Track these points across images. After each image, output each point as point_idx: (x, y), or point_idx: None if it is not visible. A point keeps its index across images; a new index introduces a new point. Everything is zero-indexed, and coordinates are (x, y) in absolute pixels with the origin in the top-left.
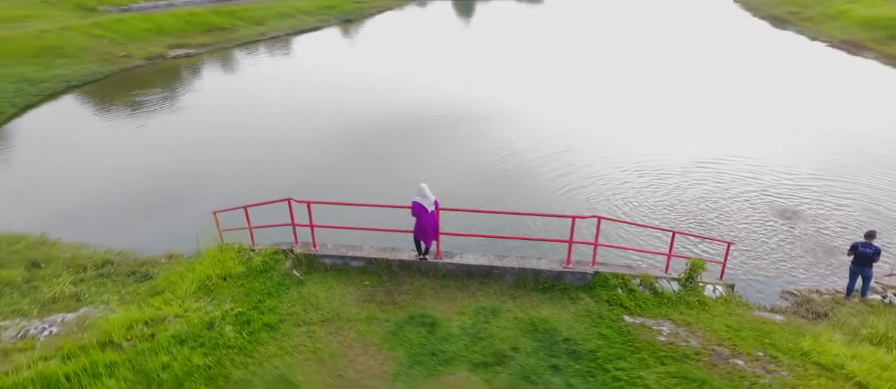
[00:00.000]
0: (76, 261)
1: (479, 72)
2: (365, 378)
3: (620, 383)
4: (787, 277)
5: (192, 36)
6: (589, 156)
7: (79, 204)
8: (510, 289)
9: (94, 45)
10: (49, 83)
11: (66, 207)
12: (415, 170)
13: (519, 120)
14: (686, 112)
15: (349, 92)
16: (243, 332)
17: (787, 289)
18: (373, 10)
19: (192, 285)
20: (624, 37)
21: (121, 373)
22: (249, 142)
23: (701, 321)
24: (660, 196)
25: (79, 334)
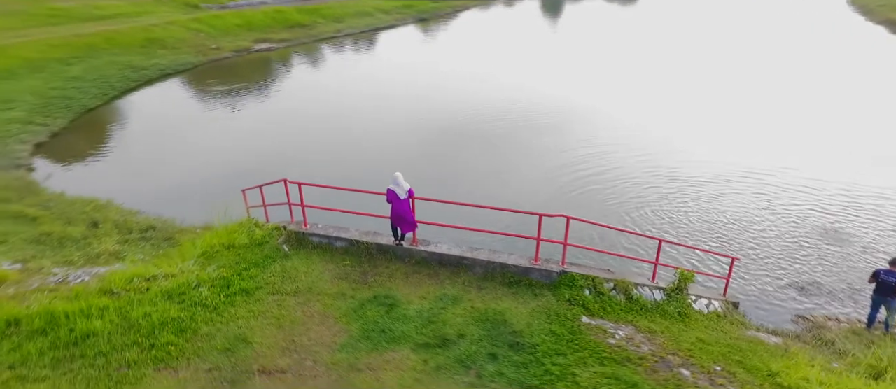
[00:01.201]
0: (126, 225)
1: (560, 73)
2: (314, 345)
3: (551, 377)
4: (813, 301)
5: (276, 31)
6: (634, 159)
7: (151, 176)
8: (478, 281)
9: (191, 38)
10: (148, 71)
11: (139, 178)
12: (483, 170)
13: (584, 118)
14: (763, 119)
15: (423, 88)
16: (221, 294)
17: (801, 314)
18: (450, 9)
19: (197, 251)
20: (723, 40)
21: (109, 316)
22: (322, 129)
23: (669, 331)
24: (689, 205)
25: (98, 283)
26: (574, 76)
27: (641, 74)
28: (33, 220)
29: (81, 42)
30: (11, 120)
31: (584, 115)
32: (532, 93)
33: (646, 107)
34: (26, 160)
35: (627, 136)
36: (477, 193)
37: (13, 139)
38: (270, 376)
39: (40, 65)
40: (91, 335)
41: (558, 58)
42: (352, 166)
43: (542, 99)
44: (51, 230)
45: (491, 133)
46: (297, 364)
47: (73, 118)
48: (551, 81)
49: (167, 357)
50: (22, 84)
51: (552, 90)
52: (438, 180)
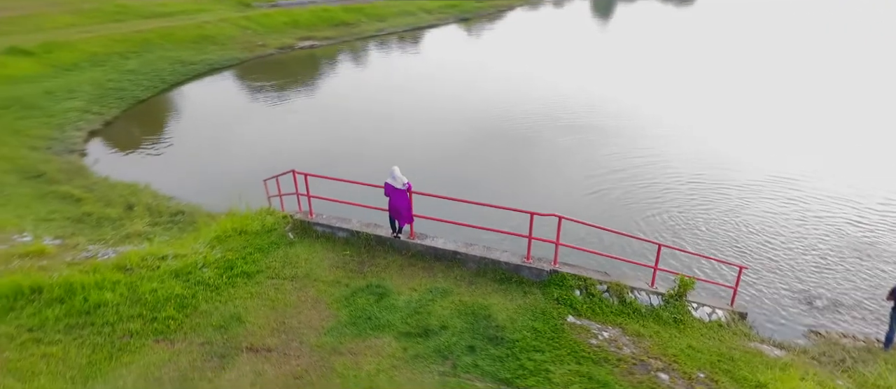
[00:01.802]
0: (158, 209)
1: (603, 74)
2: (303, 328)
3: (524, 372)
4: (833, 318)
5: (321, 29)
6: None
7: (188, 164)
8: (470, 276)
9: (240, 34)
10: (197, 65)
11: (178, 165)
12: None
13: (618, 118)
14: (804, 123)
15: (458, 85)
16: (224, 275)
17: (816, 329)
18: (493, 9)
19: (211, 235)
20: (776, 40)
21: (119, 290)
22: (358, 124)
23: (658, 336)
24: (710, 212)
25: (116, 260)
26: (617, 77)
27: (685, 75)
28: (78, 201)
29: (140, 37)
30: (71, 109)
31: (619, 116)
32: (570, 93)
33: (684, 108)
34: (80, 146)
35: (659, 137)
36: (502, 192)
37: (71, 126)
38: (257, 353)
39: (102, 58)
40: (102, 305)
41: (604, 59)
42: (383, 161)
43: (578, 99)
44: (91, 210)
45: (521, 132)
46: (284, 344)
47: (125, 108)
48: (593, 82)
49: (166, 330)
50: (84, 76)
51: (592, 90)
52: (463, 178)
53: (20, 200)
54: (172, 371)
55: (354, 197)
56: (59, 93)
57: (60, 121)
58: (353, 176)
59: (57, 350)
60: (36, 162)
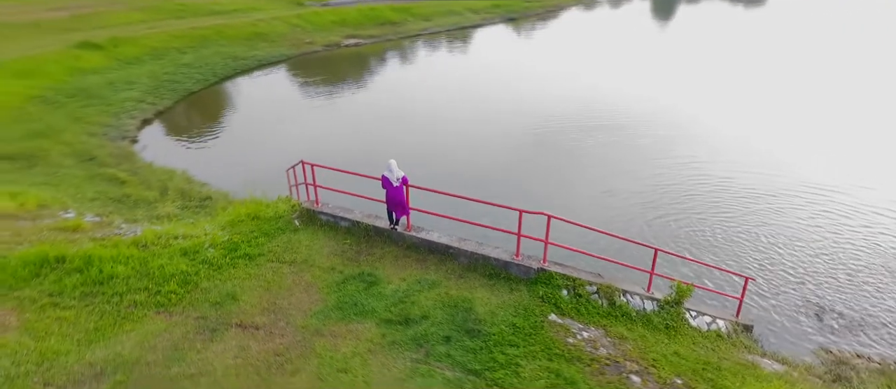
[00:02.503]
0: (189, 193)
1: (652, 75)
2: (292, 309)
3: (495, 365)
4: (851, 339)
5: (367, 28)
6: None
7: (226, 153)
8: (461, 270)
9: (290, 32)
10: (246, 61)
11: (216, 154)
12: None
13: (654, 121)
14: (853, 131)
15: (490, 86)
16: (227, 256)
17: (827, 347)
18: (541, 9)
19: (225, 219)
20: (843, 44)
21: (132, 264)
22: (392, 121)
23: (643, 339)
24: (733, 220)
25: (134, 237)
26: (663, 78)
27: (738, 77)
28: (122, 183)
29: (197, 34)
30: (128, 98)
31: (653, 116)
32: (608, 94)
33: (730, 111)
34: (132, 133)
35: (693, 139)
36: (514, 188)
37: (126, 115)
38: (245, 330)
39: (161, 53)
40: (114, 277)
41: (656, 60)
42: (415, 159)
43: (616, 99)
44: (131, 192)
45: (549, 131)
46: (272, 322)
47: (177, 99)
48: (636, 83)
49: (167, 303)
50: (144, 69)
51: (632, 91)
52: (476, 173)
53: (72, 180)
54: (166, 341)
55: (364, 190)
56: (120, 84)
57: (118, 109)
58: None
59: (70, 314)
60: (91, 146)
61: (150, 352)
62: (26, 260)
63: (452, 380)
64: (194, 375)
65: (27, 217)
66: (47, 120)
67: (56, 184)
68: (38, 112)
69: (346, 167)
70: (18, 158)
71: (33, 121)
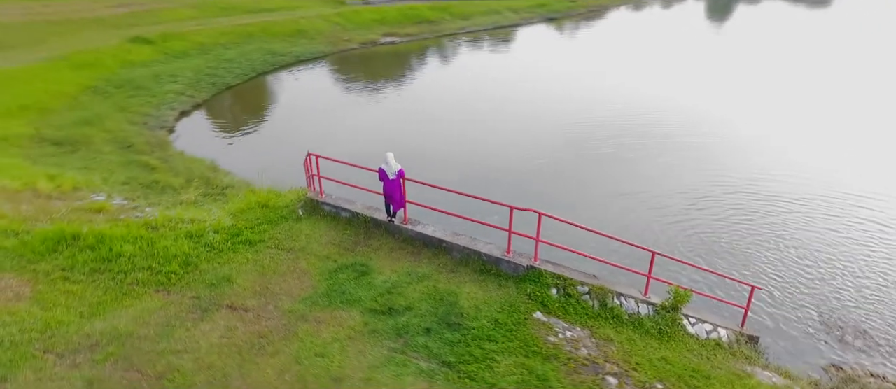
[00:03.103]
0: (212, 182)
1: (693, 80)
2: (282, 294)
3: (470, 358)
4: (869, 357)
5: (404, 26)
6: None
7: (255, 144)
8: (453, 264)
9: (329, 30)
10: (285, 57)
11: (245, 144)
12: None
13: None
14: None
15: (518, 88)
16: (229, 241)
17: (839, 364)
18: (584, 9)
19: (235, 206)
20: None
21: (140, 244)
22: (422, 119)
23: (630, 343)
24: (755, 229)
25: (145, 219)
26: (707, 82)
27: (788, 80)
28: (152, 169)
29: (242, 30)
30: (171, 91)
31: (688, 122)
32: (644, 98)
33: (772, 116)
34: (170, 123)
35: (728, 144)
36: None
37: (166, 106)
38: (235, 311)
39: (207, 48)
40: (122, 255)
41: (705, 63)
42: (440, 157)
43: (647, 104)
44: (160, 178)
45: (583, 135)
46: (261, 306)
47: (215, 92)
48: (673, 86)
49: (167, 282)
50: (189, 63)
51: (668, 95)
52: (510, 178)
53: (108, 165)
54: (160, 318)
55: (370, 183)
56: (165, 76)
57: (159, 101)
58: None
59: (78, 288)
60: (130, 134)
61: (143, 327)
62: (46, 237)
63: (425, 371)
64: (179, 351)
65: (61, 197)
66: (95, 108)
67: (93, 168)
68: (89, 101)
69: (371, 163)
70: (65, 143)
71: (83, 110)
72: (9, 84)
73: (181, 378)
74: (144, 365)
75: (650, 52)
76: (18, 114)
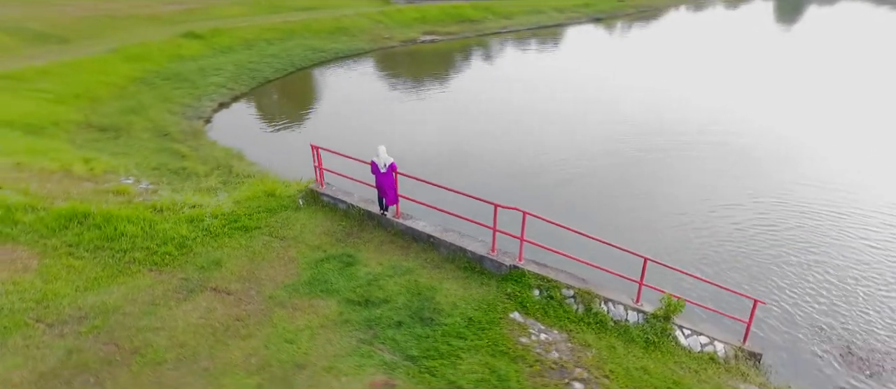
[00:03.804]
0: (235, 171)
1: (751, 86)
2: (266, 280)
3: (436, 353)
4: (877, 384)
5: (446, 25)
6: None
7: (283, 136)
8: (439, 260)
9: (371, 27)
10: (325, 53)
11: (274, 137)
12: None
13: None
14: None
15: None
16: (226, 227)
17: (844, 387)
18: (633, 9)
19: (242, 194)
20: None
21: (142, 225)
22: (453, 118)
23: (609, 350)
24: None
25: (152, 202)
26: (765, 89)
27: (852, 89)
28: (183, 157)
29: (286, 27)
30: (212, 83)
31: (731, 131)
32: (691, 106)
33: (822, 125)
34: (208, 114)
35: (768, 156)
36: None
37: (207, 97)
38: (218, 294)
39: (252, 44)
40: (124, 235)
41: (768, 69)
42: (478, 161)
43: (694, 112)
44: (187, 166)
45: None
46: (244, 290)
47: (254, 86)
48: (723, 93)
49: (161, 263)
50: (233, 57)
51: (712, 104)
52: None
53: (143, 152)
54: (147, 296)
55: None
56: (209, 70)
57: (201, 93)
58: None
59: (79, 264)
60: (168, 123)
61: (130, 304)
62: (60, 214)
63: (388, 363)
64: (157, 329)
65: (91, 179)
66: (141, 98)
67: (129, 154)
68: (137, 91)
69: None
70: (109, 130)
71: (129, 99)
72: (67, 74)
73: (153, 353)
74: (122, 339)
75: (707, 56)
76: (71, 102)
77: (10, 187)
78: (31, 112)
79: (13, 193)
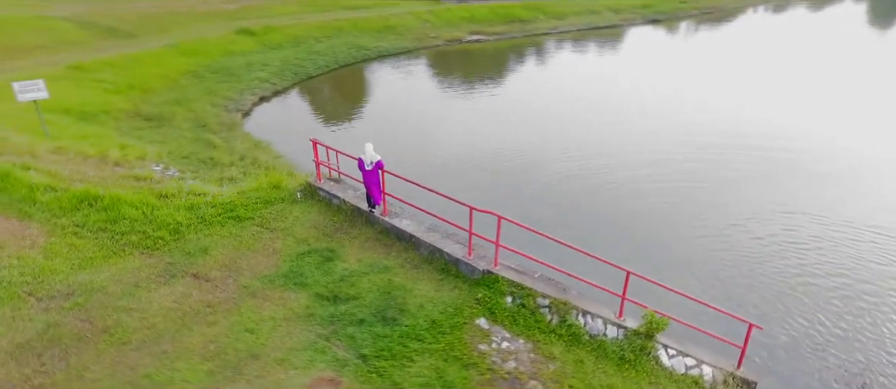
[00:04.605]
0: (259, 162)
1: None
2: (246, 269)
3: (388, 353)
4: None
5: (493, 25)
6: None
7: (315, 131)
8: (419, 260)
9: (418, 26)
10: (369, 51)
11: (306, 131)
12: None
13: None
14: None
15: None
16: (221, 216)
17: None
18: (696, 10)
19: (248, 184)
20: None
21: (144, 210)
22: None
23: (576, 364)
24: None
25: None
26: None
27: None
28: (214, 147)
29: (335, 25)
30: (257, 78)
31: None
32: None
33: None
34: (247, 107)
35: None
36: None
37: (249, 91)
38: (197, 280)
39: (301, 41)
40: (126, 219)
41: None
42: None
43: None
44: (215, 156)
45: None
46: (222, 278)
47: (295, 82)
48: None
49: (153, 247)
50: (280, 54)
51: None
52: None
53: (179, 141)
54: (132, 277)
55: None
56: (256, 65)
57: (245, 87)
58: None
59: (80, 243)
60: (208, 115)
61: (114, 284)
62: (75, 196)
63: (340, 360)
64: (132, 310)
65: (123, 164)
66: (188, 90)
67: (165, 142)
68: (186, 84)
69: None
70: (154, 119)
71: (178, 91)
72: (127, 66)
73: (121, 333)
74: (97, 318)
75: (780, 63)
76: (125, 92)
77: (41, 169)
78: (88, 100)
79: (40, 174)
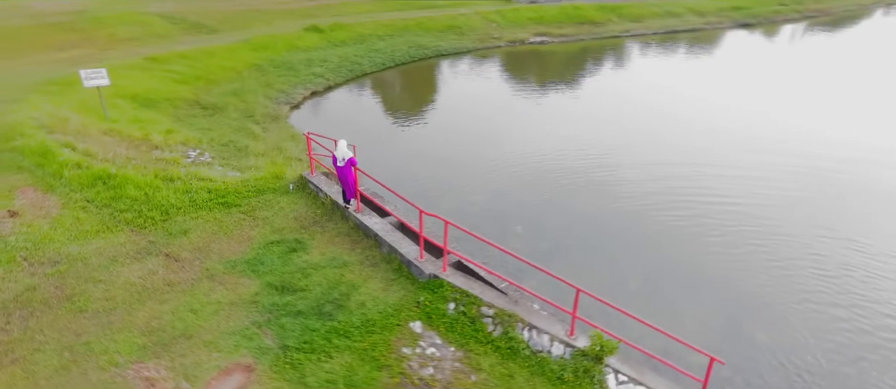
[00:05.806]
0: (286, 152)
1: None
2: (215, 253)
3: (310, 346)
4: None
5: (562, 26)
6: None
7: (351, 129)
8: (379, 258)
9: (483, 27)
10: (428, 50)
11: (344, 127)
12: None
13: None
14: None
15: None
16: (211, 201)
17: None
18: (796, 14)
19: (253, 173)
20: None
21: (146, 190)
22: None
23: (505, 378)
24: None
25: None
26: None
27: None
28: (253, 137)
29: (401, 23)
30: (313, 73)
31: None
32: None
33: None
34: (298, 101)
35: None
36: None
37: (302, 86)
38: (168, 258)
39: (364, 38)
40: (127, 198)
41: None
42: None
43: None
44: (250, 145)
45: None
46: (190, 259)
47: (349, 78)
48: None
49: (142, 225)
50: (342, 51)
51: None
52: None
53: (222, 129)
54: (112, 252)
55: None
56: (316, 61)
57: (299, 81)
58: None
59: (85, 216)
60: (259, 106)
61: (96, 257)
62: (93, 174)
63: (262, 348)
64: (100, 281)
65: (163, 148)
66: (248, 83)
67: (212, 130)
68: (248, 76)
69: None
70: (210, 108)
71: (239, 82)
72: (199, 58)
73: (82, 302)
74: (68, 286)
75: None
76: (191, 82)
77: (79, 149)
78: (154, 89)
79: (76, 153)
